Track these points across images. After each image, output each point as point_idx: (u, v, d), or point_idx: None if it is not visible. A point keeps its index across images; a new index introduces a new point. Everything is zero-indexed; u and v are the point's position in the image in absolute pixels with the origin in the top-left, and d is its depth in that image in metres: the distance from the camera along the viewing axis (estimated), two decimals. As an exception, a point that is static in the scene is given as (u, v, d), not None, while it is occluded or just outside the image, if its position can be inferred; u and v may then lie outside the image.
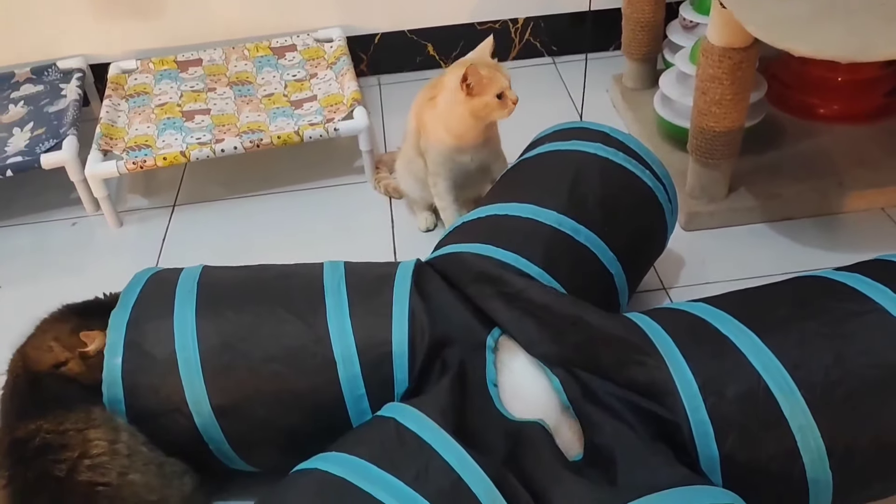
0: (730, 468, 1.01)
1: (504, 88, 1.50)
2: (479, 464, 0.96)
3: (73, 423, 1.10)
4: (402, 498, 0.92)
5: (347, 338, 1.14)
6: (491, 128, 1.63)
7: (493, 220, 1.32)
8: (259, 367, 1.14)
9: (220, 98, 2.10)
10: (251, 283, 1.24)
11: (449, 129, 1.57)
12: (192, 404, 1.14)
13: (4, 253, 1.89)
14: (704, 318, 1.12)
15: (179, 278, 1.24)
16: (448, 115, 1.55)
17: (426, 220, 1.81)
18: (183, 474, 1.16)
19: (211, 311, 1.18)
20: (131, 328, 1.17)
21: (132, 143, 1.94)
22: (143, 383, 1.16)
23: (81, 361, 1.20)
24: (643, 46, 2.02)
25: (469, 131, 1.56)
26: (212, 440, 1.16)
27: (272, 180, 2.03)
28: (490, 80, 1.49)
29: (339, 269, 1.25)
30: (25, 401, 1.16)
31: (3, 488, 1.04)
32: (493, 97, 1.50)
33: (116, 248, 1.88)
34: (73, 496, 1.03)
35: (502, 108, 1.52)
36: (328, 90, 2.09)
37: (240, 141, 1.85)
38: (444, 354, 1.14)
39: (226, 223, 1.91)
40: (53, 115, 2.06)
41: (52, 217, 1.99)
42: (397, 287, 1.20)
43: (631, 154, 1.40)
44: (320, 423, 1.14)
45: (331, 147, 2.12)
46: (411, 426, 1.01)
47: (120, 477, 1.07)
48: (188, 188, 2.05)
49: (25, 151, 1.92)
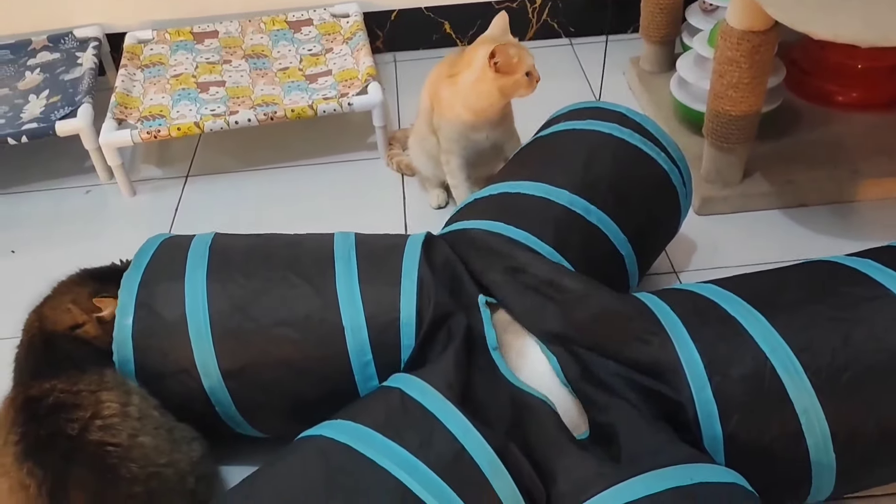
0: (733, 448, 1.01)
1: (530, 67, 1.51)
2: (482, 434, 0.97)
3: (87, 385, 1.12)
4: (405, 465, 0.93)
5: (356, 304, 1.15)
6: (507, 106, 1.63)
7: (504, 198, 1.32)
8: (268, 332, 1.15)
9: (235, 70, 2.10)
10: (262, 249, 1.25)
11: (469, 105, 1.56)
12: (200, 366, 1.15)
13: (19, 218, 1.90)
14: (712, 298, 1.12)
15: (191, 243, 1.25)
16: (471, 92, 1.55)
17: (438, 198, 1.81)
18: (192, 440, 1.17)
19: (222, 275, 1.19)
20: (142, 290, 1.18)
21: (147, 112, 1.95)
22: (152, 344, 1.17)
23: (98, 325, 1.21)
24: (662, 29, 2.01)
25: (491, 108, 1.56)
26: (219, 403, 1.17)
27: (285, 154, 2.03)
28: (520, 59, 1.50)
29: (350, 239, 1.26)
30: (40, 360, 1.17)
31: (16, 444, 1.05)
32: (522, 75, 1.51)
33: (129, 216, 1.89)
34: (83, 454, 1.04)
35: (529, 86, 1.53)
36: (343, 65, 2.09)
37: (254, 113, 1.85)
38: (449, 323, 1.14)
39: (238, 195, 1.92)
40: (69, 83, 2.06)
41: (66, 184, 2.00)
42: (406, 256, 1.20)
43: (647, 136, 1.40)
44: (327, 389, 1.15)
45: (344, 122, 2.12)
46: (416, 396, 1.02)
47: (130, 438, 1.08)
48: (201, 159, 2.06)
49: (41, 118, 1.93)
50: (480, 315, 1.14)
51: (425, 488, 0.91)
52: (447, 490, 0.92)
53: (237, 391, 1.17)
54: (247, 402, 1.18)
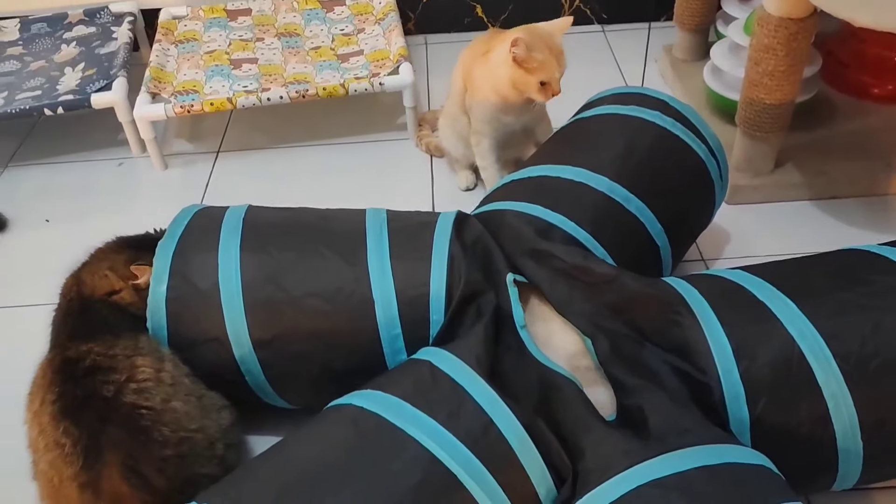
0: (759, 431, 1.01)
1: (550, 79, 1.46)
2: (510, 409, 0.98)
3: (122, 349, 1.14)
4: (434, 436, 0.94)
5: (387, 278, 1.16)
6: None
7: (542, 181, 1.32)
8: (299, 303, 1.16)
9: (268, 48, 2.12)
10: (295, 222, 1.26)
11: (494, 87, 1.56)
12: (231, 335, 1.17)
13: (53, 188, 1.93)
14: (741, 283, 1.12)
15: (225, 214, 1.27)
16: (494, 74, 1.55)
17: (466, 179, 1.82)
18: (221, 408, 1.19)
19: (255, 246, 1.20)
20: (177, 258, 1.20)
21: (180, 87, 1.97)
22: (185, 312, 1.19)
23: (134, 291, 1.24)
24: (696, 17, 1.99)
25: (510, 96, 1.55)
26: (249, 372, 1.19)
27: (315, 132, 2.05)
28: (540, 66, 1.46)
29: (382, 214, 1.27)
30: (78, 324, 1.19)
31: (53, 403, 1.08)
32: (536, 81, 1.47)
33: (160, 189, 1.91)
34: (117, 416, 1.07)
35: (542, 94, 1.49)
36: (375, 45, 2.10)
37: (286, 91, 1.87)
38: (479, 300, 1.15)
39: (268, 172, 1.94)
40: (104, 57, 2.09)
41: (100, 157, 2.03)
42: (438, 233, 1.21)
43: (687, 126, 1.39)
44: (355, 361, 1.17)
45: (375, 102, 2.13)
46: (445, 369, 1.03)
47: (163, 403, 1.10)
48: (232, 135, 2.07)
49: (76, 90, 1.95)
50: (509, 293, 1.15)
51: (454, 459, 0.92)
52: (475, 462, 0.93)
53: (267, 361, 1.18)
54: (276, 372, 1.20)
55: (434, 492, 0.91)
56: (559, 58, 1.48)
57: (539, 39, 1.47)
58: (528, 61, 1.46)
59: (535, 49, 1.45)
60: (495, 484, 0.92)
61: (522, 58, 1.45)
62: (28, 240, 1.78)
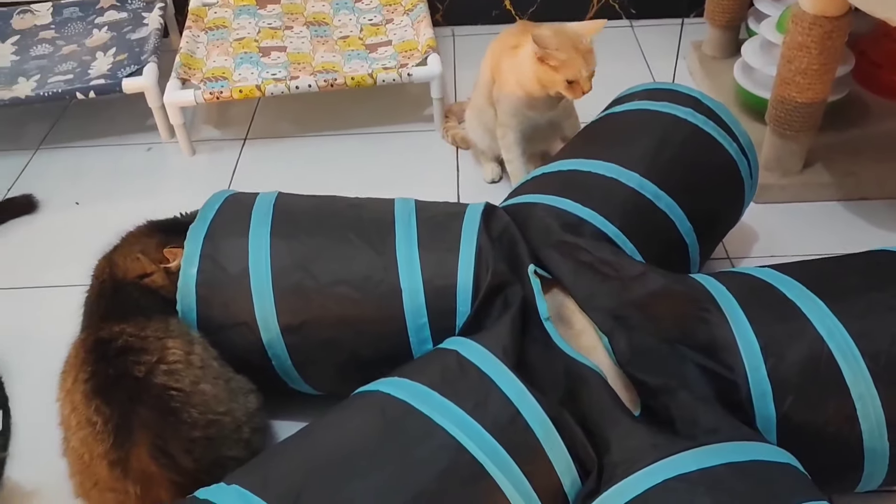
0: (786, 430, 1.01)
1: (577, 77, 1.45)
2: (537, 400, 0.98)
3: (153, 331, 1.15)
4: (461, 424, 0.95)
5: (414, 268, 1.17)
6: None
7: (573, 175, 1.32)
8: (327, 290, 1.17)
9: (297, 37, 2.13)
10: (324, 209, 1.27)
11: (520, 82, 1.56)
12: (260, 320, 1.18)
13: (82, 171, 1.95)
14: (770, 281, 1.12)
15: (256, 200, 1.28)
16: (521, 69, 1.54)
17: (492, 171, 1.82)
18: (249, 392, 1.20)
19: (285, 232, 1.22)
20: (208, 242, 1.21)
21: (210, 74, 1.98)
22: (215, 296, 1.20)
23: (165, 275, 1.25)
24: (728, 13, 1.98)
25: (534, 92, 1.54)
26: (276, 357, 1.20)
27: (342, 122, 2.06)
28: (563, 64, 1.45)
29: (410, 204, 1.28)
30: (110, 305, 1.21)
31: (85, 382, 1.10)
32: (562, 79, 1.46)
33: (188, 175, 1.93)
34: (148, 396, 1.08)
35: (570, 91, 1.48)
36: (403, 36, 2.10)
37: (314, 80, 1.87)
38: (506, 292, 1.15)
39: (294, 160, 1.95)
40: (135, 43, 2.11)
41: (129, 141, 2.05)
42: (466, 224, 1.22)
43: (719, 123, 1.39)
44: (382, 349, 1.17)
45: (402, 93, 2.13)
46: (472, 359, 1.03)
47: (192, 385, 1.12)
48: (260, 123, 2.09)
49: (108, 75, 1.97)
50: (532, 285, 1.15)
51: (480, 448, 0.93)
52: (501, 451, 0.93)
53: (294, 346, 1.19)
54: (303, 358, 1.21)
55: (460, 480, 0.91)
56: (587, 57, 1.46)
57: (566, 39, 1.46)
58: (551, 59, 1.45)
59: (560, 48, 1.44)
60: (520, 474, 0.93)
61: (543, 55, 1.45)
62: (58, 222, 1.80)
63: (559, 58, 1.44)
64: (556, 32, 1.47)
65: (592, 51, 1.47)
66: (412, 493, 0.90)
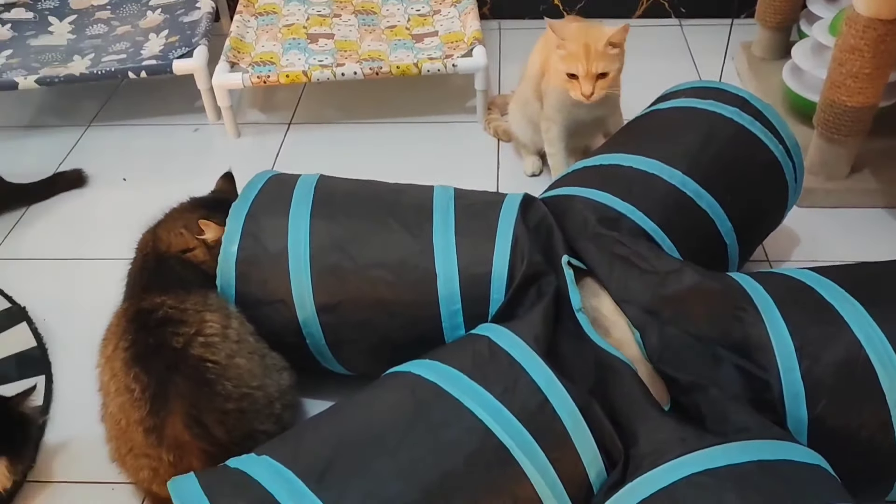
0: (817, 433, 1.00)
1: (575, 71, 1.47)
2: (566, 389, 0.99)
3: (193, 304, 1.18)
4: (489, 408, 0.95)
5: (450, 255, 1.17)
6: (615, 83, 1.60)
7: (614, 170, 1.32)
8: (364, 271, 1.19)
9: (345, 25, 2.15)
10: (364, 193, 1.29)
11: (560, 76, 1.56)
12: (296, 298, 1.20)
13: (131, 149, 2.00)
14: (809, 284, 1.10)
15: (297, 182, 1.30)
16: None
17: (533, 165, 1.82)
18: (282, 369, 1.22)
19: (324, 214, 1.23)
20: (249, 220, 1.24)
21: (258, 58, 2.01)
22: (253, 272, 1.23)
23: (206, 250, 1.28)
24: (779, 14, 1.95)
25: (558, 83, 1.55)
26: (311, 335, 1.22)
27: (385, 110, 2.07)
28: (566, 57, 1.47)
29: (449, 192, 1.28)
30: (152, 277, 1.24)
31: (126, 350, 1.13)
32: (563, 70, 1.48)
33: (233, 156, 1.96)
34: (185, 366, 1.11)
35: (571, 87, 1.50)
36: (450, 27, 2.11)
37: (360, 67, 1.89)
38: (540, 282, 1.16)
39: (337, 146, 1.97)
40: (187, 25, 2.15)
41: (176, 122, 2.09)
42: (504, 213, 1.22)
43: (766, 125, 1.37)
44: (414, 333, 1.19)
45: (445, 84, 2.14)
46: (503, 345, 1.04)
47: (228, 358, 1.14)
48: (304, 108, 2.11)
49: (159, 56, 2.02)
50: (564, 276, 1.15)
51: (507, 433, 0.93)
52: (528, 437, 0.94)
53: (329, 325, 1.21)
54: (337, 338, 1.23)
55: (486, 463, 0.92)
56: (594, 56, 1.46)
57: (581, 33, 1.48)
58: (561, 48, 1.48)
59: (571, 39, 1.46)
60: (546, 461, 0.93)
61: (557, 43, 1.48)
62: (105, 197, 1.85)
63: (566, 48, 1.47)
64: (577, 26, 1.49)
65: (606, 55, 1.47)
66: (438, 473, 0.91)
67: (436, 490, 0.90)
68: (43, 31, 2.20)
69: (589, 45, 1.46)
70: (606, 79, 1.49)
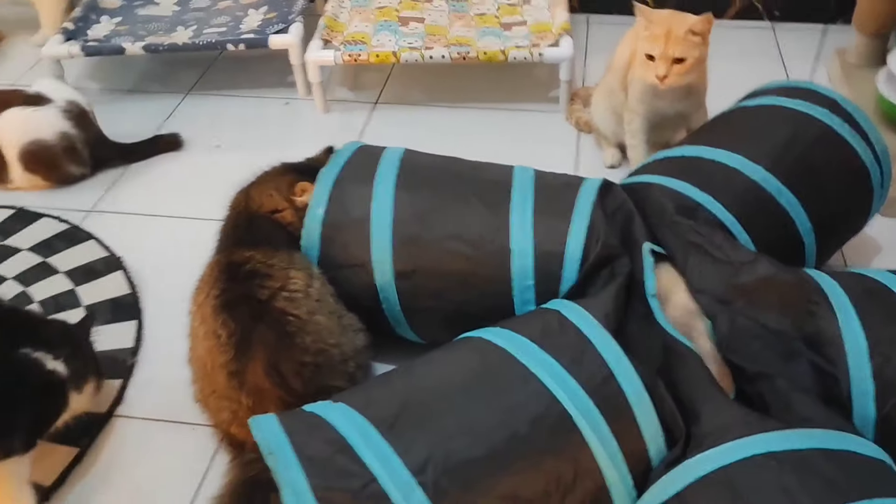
0: (885, 431, 1.00)
1: (654, 53, 1.50)
2: (632, 365, 1.01)
3: (279, 261, 1.25)
4: (556, 376, 0.99)
5: (526, 232, 1.21)
6: (697, 77, 1.60)
7: (695, 161, 1.33)
8: (442, 243, 1.23)
9: (435, 10, 2.20)
10: (447, 168, 1.34)
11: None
12: (376, 263, 1.25)
13: (225, 118, 2.09)
14: (886, 284, 1.10)
15: (383, 153, 1.35)
16: None
17: (612, 156, 1.83)
18: (358, 330, 1.28)
19: (408, 185, 1.29)
20: (336, 186, 1.30)
21: (350, 37, 2.08)
22: (337, 236, 1.29)
23: (294, 212, 1.35)
24: (878, 20, 1.91)
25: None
26: (387, 300, 1.28)
27: (468, 96, 2.11)
28: (647, 37, 1.52)
29: (529, 171, 1.32)
30: (243, 233, 1.32)
31: (216, 298, 1.20)
32: (643, 52, 1.52)
33: (320, 131, 2.04)
34: (268, 317, 1.17)
35: (647, 70, 1.53)
36: (538, 17, 2.13)
37: (448, 51, 1.94)
38: (614, 264, 1.18)
39: (419, 127, 2.02)
40: (284, 3, 2.23)
41: (268, 94, 2.18)
42: (581, 195, 1.25)
43: (856, 129, 1.36)
44: (486, 304, 1.23)
45: (529, 73, 2.17)
46: (573, 319, 1.07)
47: (308, 314, 1.20)
48: (390, 89, 2.17)
49: (257, 30, 2.11)
50: (642, 261, 1.17)
51: (572, 401, 0.96)
52: (592, 407, 0.96)
53: (405, 292, 1.26)
54: (412, 304, 1.27)
55: (549, 427, 0.95)
56: (674, 40, 1.49)
57: (666, 19, 1.52)
58: (645, 29, 1.52)
59: (655, 22, 1.51)
60: (608, 431, 0.96)
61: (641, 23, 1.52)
62: (199, 161, 1.94)
63: (649, 30, 1.51)
64: (666, 12, 1.54)
65: (685, 40, 1.50)
66: (503, 433, 0.94)
67: (500, 448, 0.93)
68: (150, 2, 2.32)
69: (671, 30, 1.49)
70: (683, 65, 1.51)
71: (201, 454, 1.28)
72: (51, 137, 1.77)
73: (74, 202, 1.81)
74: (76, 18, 2.18)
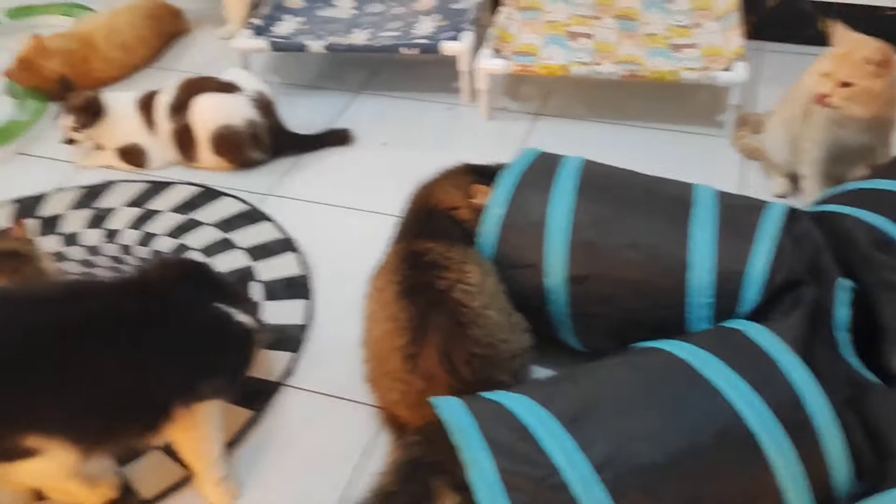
0: None
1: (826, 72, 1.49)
2: (823, 393, 0.99)
3: (456, 255, 1.29)
4: (741, 394, 0.98)
5: (708, 248, 1.21)
6: (883, 109, 1.54)
7: (891, 195, 1.28)
8: (618, 251, 1.25)
9: (605, 27, 2.21)
10: (627, 179, 1.35)
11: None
12: (548, 265, 1.28)
13: (391, 117, 2.18)
14: None
15: (563, 160, 1.38)
16: None
17: (781, 186, 1.79)
18: (525, 330, 1.30)
19: (587, 192, 1.31)
20: (516, 189, 1.34)
21: (519, 49, 2.13)
22: (512, 236, 1.32)
23: (471, 210, 1.39)
24: None
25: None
26: (555, 303, 1.30)
27: (630, 114, 2.11)
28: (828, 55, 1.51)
29: (711, 190, 1.31)
30: (423, 226, 1.38)
31: (397, 284, 1.26)
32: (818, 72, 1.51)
33: (481, 138, 2.09)
34: (445, 307, 1.22)
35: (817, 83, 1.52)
36: (710, 41, 2.11)
37: (618, 68, 1.95)
38: (799, 290, 1.16)
39: (579, 142, 2.03)
40: (457, 12, 2.31)
41: (433, 99, 2.25)
42: (767, 219, 1.24)
43: None
44: (655, 317, 1.23)
45: (694, 96, 2.15)
46: (759, 340, 1.05)
47: (481, 308, 1.24)
48: (552, 102, 2.20)
49: (429, 36, 2.19)
50: (835, 294, 1.14)
51: (757, 421, 0.95)
52: (779, 430, 0.95)
53: (576, 295, 1.28)
54: (581, 308, 1.29)
55: (734, 443, 0.94)
56: (844, 63, 1.47)
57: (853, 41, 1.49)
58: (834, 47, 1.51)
59: (840, 43, 1.49)
60: (795, 456, 0.94)
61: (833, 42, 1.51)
62: (366, 157, 2.03)
63: (833, 51, 1.49)
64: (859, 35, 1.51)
65: (857, 65, 1.47)
66: (686, 444, 0.94)
67: (682, 457, 0.93)
68: (329, 5, 2.45)
69: (850, 53, 1.47)
70: (849, 90, 1.48)
71: (363, 431, 1.34)
72: (240, 124, 1.90)
73: (253, 185, 1.93)
74: (264, 16, 2.34)
